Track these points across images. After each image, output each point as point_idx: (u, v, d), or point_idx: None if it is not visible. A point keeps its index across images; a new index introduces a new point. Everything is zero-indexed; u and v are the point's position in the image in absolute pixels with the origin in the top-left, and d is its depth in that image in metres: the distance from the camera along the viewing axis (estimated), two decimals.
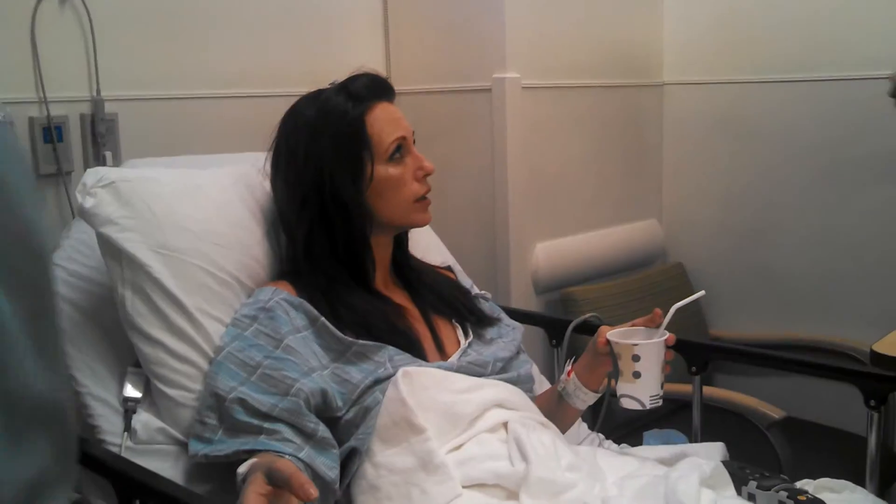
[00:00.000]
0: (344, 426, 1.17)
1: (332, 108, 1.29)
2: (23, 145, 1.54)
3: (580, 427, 1.57)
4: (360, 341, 1.21)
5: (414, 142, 1.33)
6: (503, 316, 1.46)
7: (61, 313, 0.88)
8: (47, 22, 1.65)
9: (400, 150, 1.30)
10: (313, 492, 0.82)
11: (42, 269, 0.56)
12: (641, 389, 1.23)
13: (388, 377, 1.18)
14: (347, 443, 1.16)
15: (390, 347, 1.22)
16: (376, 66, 1.35)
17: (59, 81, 1.67)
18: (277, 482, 0.86)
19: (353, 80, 1.31)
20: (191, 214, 1.31)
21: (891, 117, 1.89)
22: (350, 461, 1.15)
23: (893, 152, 2.15)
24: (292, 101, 1.35)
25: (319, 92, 1.33)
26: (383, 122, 1.29)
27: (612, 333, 1.26)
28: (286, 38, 2.05)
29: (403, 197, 1.30)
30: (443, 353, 1.30)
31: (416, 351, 1.25)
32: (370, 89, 1.30)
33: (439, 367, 1.23)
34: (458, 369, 1.25)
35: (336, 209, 1.27)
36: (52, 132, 1.65)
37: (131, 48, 1.78)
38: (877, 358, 1.46)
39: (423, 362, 1.24)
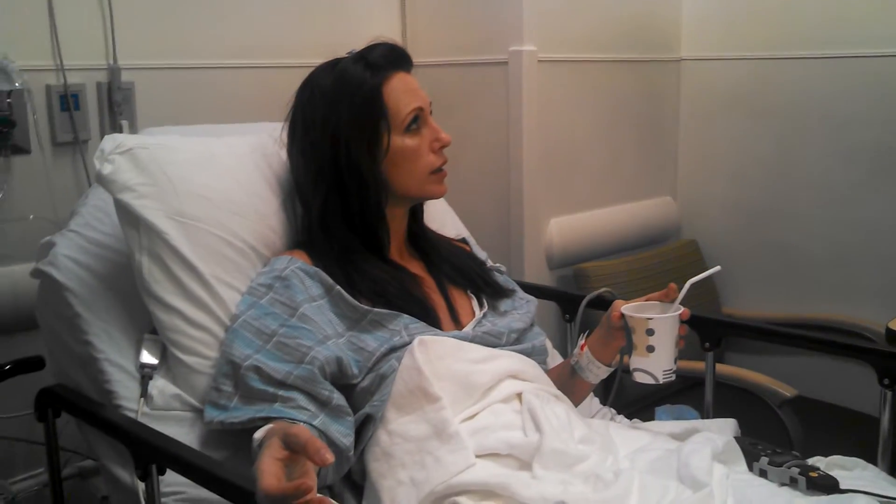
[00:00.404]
0: (359, 394, 1.18)
1: (350, 77, 1.28)
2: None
3: (592, 402, 1.58)
4: (376, 309, 1.21)
5: (430, 113, 1.33)
6: (517, 288, 1.46)
7: None
8: None
9: (417, 120, 1.29)
10: (329, 457, 0.82)
11: None
12: (655, 364, 1.23)
13: (404, 345, 1.18)
14: (362, 410, 1.17)
15: (405, 315, 1.23)
16: (392, 37, 1.34)
17: (76, 50, 1.67)
18: (294, 447, 0.86)
19: (370, 49, 1.30)
20: (208, 183, 1.31)
21: None
22: (364, 428, 1.16)
23: None
24: (308, 71, 1.34)
25: (336, 61, 1.32)
26: (400, 92, 1.28)
27: (627, 307, 1.25)
28: (303, 10, 2.04)
29: (419, 168, 1.29)
30: (457, 323, 1.30)
31: (431, 320, 1.25)
32: (388, 59, 1.29)
33: (454, 337, 1.23)
34: (473, 339, 1.25)
35: (351, 179, 1.27)
36: (68, 100, 1.66)
37: (148, 17, 1.78)
38: (892, 336, 1.46)
39: (439, 331, 1.24)
